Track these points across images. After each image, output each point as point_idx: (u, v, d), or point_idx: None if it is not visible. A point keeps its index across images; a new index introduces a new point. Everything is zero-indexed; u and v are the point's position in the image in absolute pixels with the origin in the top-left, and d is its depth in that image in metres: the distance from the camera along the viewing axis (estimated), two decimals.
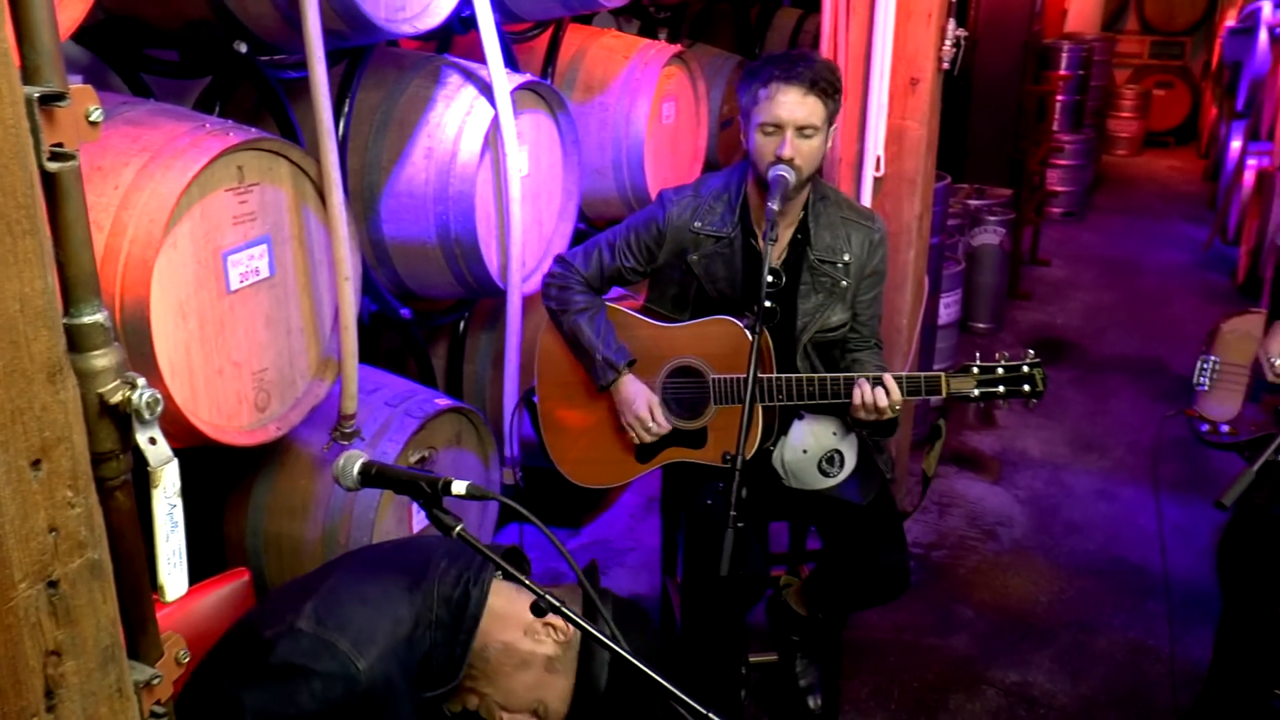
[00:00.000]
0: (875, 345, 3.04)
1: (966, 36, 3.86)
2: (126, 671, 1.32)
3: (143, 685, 1.37)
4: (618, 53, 4.18)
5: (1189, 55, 13.90)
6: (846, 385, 2.74)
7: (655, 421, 2.92)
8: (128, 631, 1.34)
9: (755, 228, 2.88)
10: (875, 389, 2.68)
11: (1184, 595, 4.02)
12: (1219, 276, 8.25)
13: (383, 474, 1.98)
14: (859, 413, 2.72)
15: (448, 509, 1.93)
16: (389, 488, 1.99)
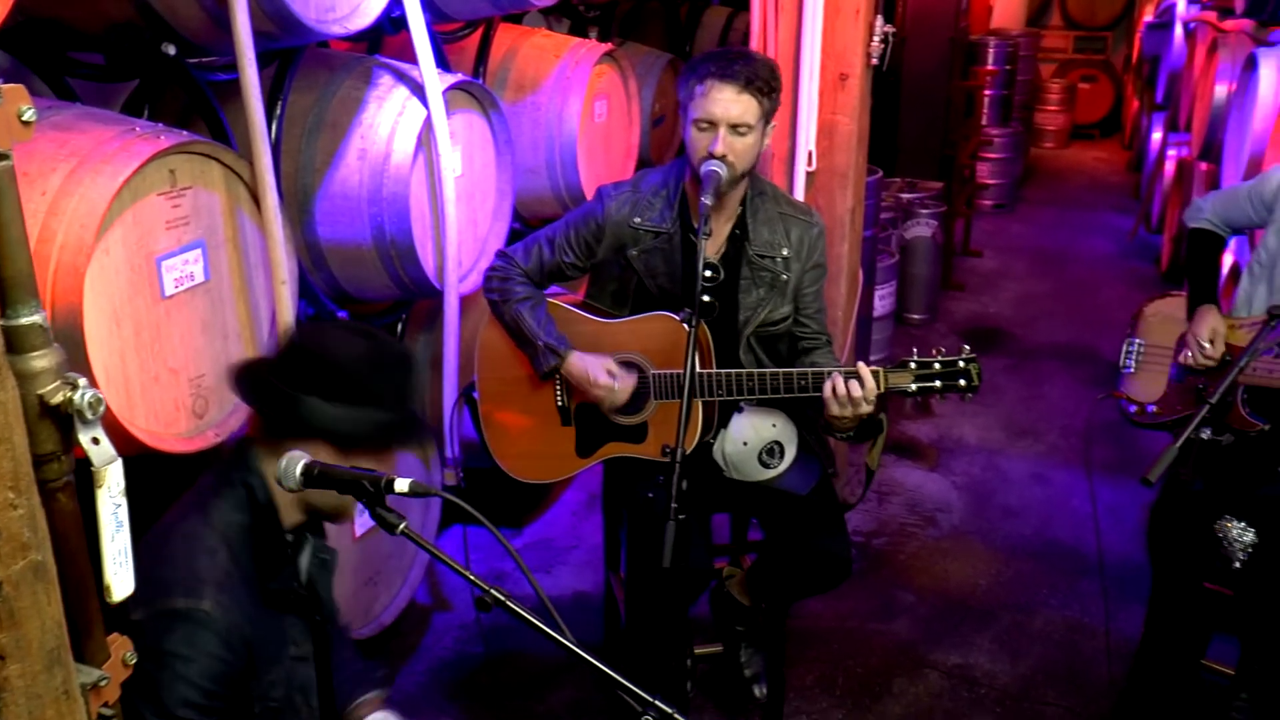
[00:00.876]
0: (827, 341, 3.06)
1: (894, 33, 3.93)
2: (73, 673, 1.32)
3: (90, 687, 1.36)
4: (549, 52, 4.19)
5: (1111, 49, 14.22)
6: (788, 380, 2.75)
7: (619, 380, 2.90)
8: (73, 633, 1.33)
9: (694, 223, 2.90)
10: (849, 381, 2.66)
11: (1117, 573, 4.11)
12: (1144, 264, 8.44)
13: (325, 474, 1.97)
14: (833, 407, 2.70)
15: (391, 507, 1.93)
16: (332, 487, 1.99)
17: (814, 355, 3.01)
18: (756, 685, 3.40)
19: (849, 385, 2.66)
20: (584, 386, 2.93)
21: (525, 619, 1.83)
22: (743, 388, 2.78)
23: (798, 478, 2.99)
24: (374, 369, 2.03)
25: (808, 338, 3.03)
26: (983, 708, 3.57)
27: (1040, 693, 3.65)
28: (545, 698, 3.58)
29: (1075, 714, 3.55)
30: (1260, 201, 3.13)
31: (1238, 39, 6.27)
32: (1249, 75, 5.10)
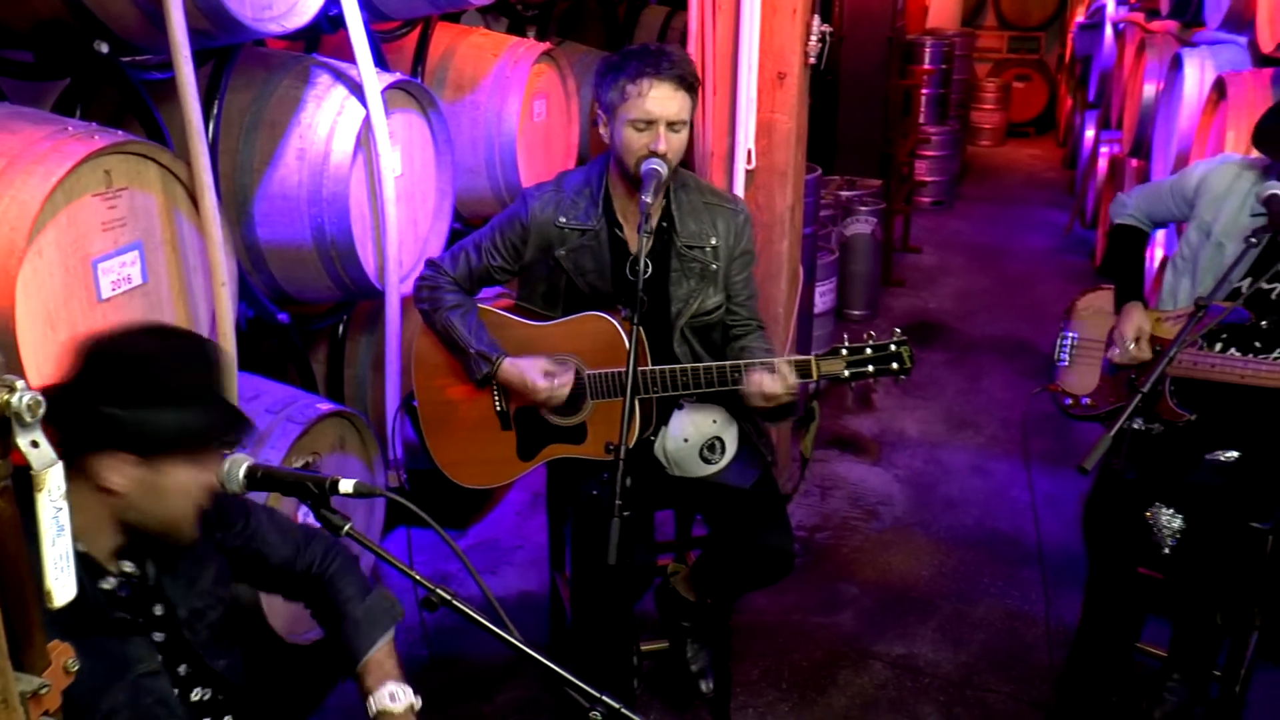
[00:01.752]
0: (758, 327, 3.09)
1: (831, 32, 3.97)
2: (11, 682, 1.30)
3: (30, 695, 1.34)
4: (487, 51, 4.19)
5: (1044, 49, 14.45)
6: (720, 373, 2.77)
7: (558, 380, 2.89)
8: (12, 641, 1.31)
9: (619, 219, 2.92)
10: (768, 375, 2.71)
11: (1056, 561, 4.18)
12: (1079, 259, 8.59)
13: (269, 476, 1.96)
14: (755, 400, 2.75)
15: (336, 509, 1.93)
16: (276, 490, 1.98)
17: (744, 340, 3.04)
18: (703, 680, 3.42)
19: (762, 379, 2.70)
20: (521, 391, 2.93)
21: (472, 618, 1.83)
22: (678, 383, 2.79)
23: (739, 472, 3.02)
24: (168, 367, 1.87)
25: (738, 324, 3.06)
26: (926, 696, 3.62)
27: (983, 679, 3.71)
28: (493, 698, 3.57)
29: (1017, 699, 3.60)
30: (1182, 197, 3.20)
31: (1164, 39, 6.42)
32: (1175, 75, 5.22)
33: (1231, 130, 4.05)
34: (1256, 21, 4.13)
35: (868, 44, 8.29)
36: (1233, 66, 4.73)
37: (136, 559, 1.98)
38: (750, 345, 3.03)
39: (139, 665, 1.93)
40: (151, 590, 2.00)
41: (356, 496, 1.92)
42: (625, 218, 2.93)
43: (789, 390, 2.72)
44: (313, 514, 1.95)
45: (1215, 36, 5.30)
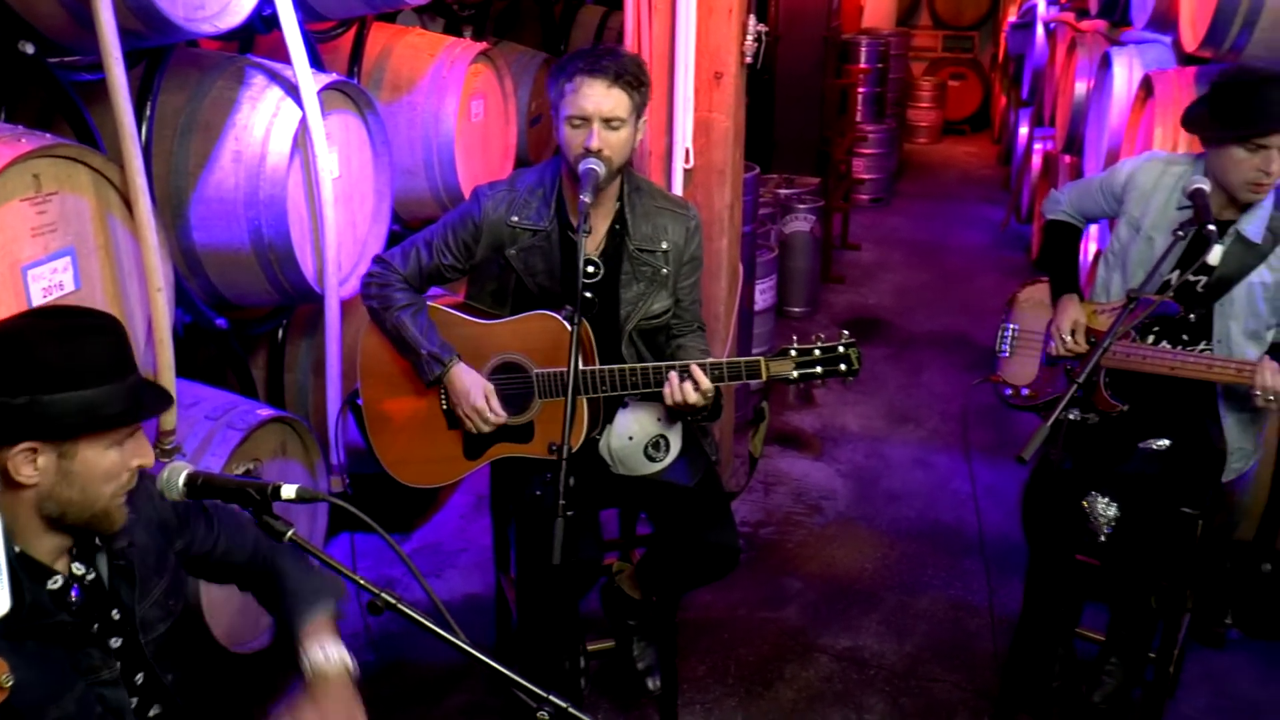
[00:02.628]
0: (698, 328, 3.12)
1: (767, 32, 4.00)
2: None
3: None
4: (424, 51, 4.17)
5: (978, 48, 14.65)
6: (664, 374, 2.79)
7: (493, 410, 2.91)
8: None
9: (572, 220, 2.92)
10: (683, 382, 2.73)
11: (998, 551, 4.25)
12: (1016, 253, 8.72)
13: (209, 483, 1.94)
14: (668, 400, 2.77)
15: (278, 515, 1.91)
16: (217, 497, 1.96)
17: (681, 340, 3.07)
18: (650, 678, 3.42)
19: (683, 386, 2.72)
20: (458, 401, 2.93)
21: (417, 621, 1.82)
22: (624, 383, 2.80)
23: (683, 470, 3.03)
24: (61, 348, 1.80)
25: (680, 325, 3.08)
26: (873, 688, 3.66)
27: (928, 669, 3.75)
28: (440, 702, 3.56)
29: (961, 688, 3.65)
30: (1111, 194, 3.27)
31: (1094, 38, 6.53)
32: (1105, 73, 5.32)
33: (1159, 126, 4.14)
34: (1179, 22, 4.21)
35: (804, 43, 8.35)
36: (1159, 65, 4.82)
37: (86, 560, 1.94)
38: (686, 344, 3.05)
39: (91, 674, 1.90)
40: (107, 594, 1.97)
41: (299, 502, 1.91)
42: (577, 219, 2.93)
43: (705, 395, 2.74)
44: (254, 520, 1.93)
45: (1142, 36, 5.40)
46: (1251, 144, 2.86)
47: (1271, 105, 2.81)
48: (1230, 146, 2.90)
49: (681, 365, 2.75)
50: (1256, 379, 2.86)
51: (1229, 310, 3.06)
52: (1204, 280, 3.06)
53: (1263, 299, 3.03)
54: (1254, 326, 3.07)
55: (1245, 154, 2.88)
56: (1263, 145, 2.85)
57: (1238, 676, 3.75)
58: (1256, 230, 3.00)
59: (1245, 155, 2.88)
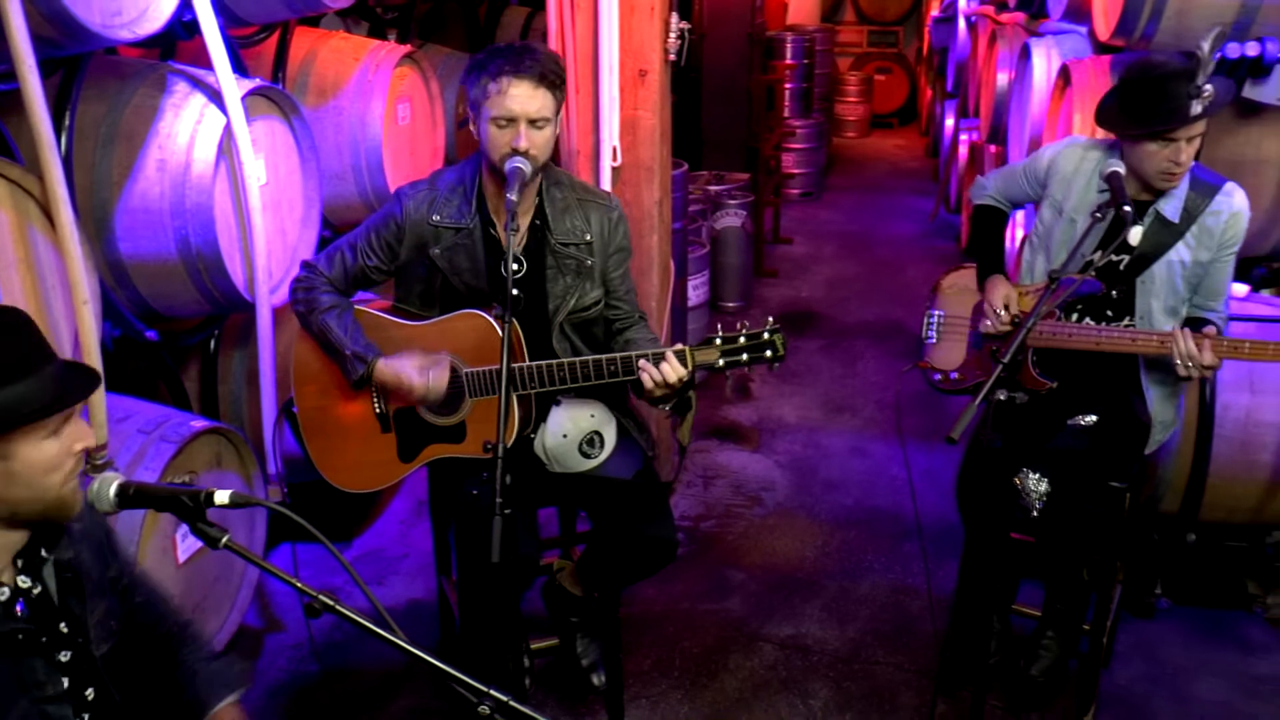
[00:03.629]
0: (640, 318, 3.13)
1: (690, 29, 4.03)
2: None
3: None
4: (348, 55, 4.15)
5: (903, 43, 14.85)
6: (597, 367, 2.79)
7: (433, 377, 2.87)
8: None
9: (494, 217, 2.92)
10: (662, 365, 2.72)
11: (935, 533, 4.32)
12: (946, 242, 8.85)
13: (141, 493, 1.91)
14: (655, 392, 2.75)
15: (213, 522, 1.89)
16: (149, 506, 1.93)
17: (628, 333, 3.06)
18: (594, 674, 3.43)
19: (662, 370, 2.72)
20: (397, 389, 2.91)
21: (355, 621, 1.81)
22: (555, 378, 2.80)
23: (619, 464, 3.04)
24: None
25: (621, 318, 3.09)
26: (816, 674, 3.69)
27: (870, 653, 3.80)
28: (385, 707, 3.54)
29: (904, 669, 3.70)
30: (1034, 178, 3.36)
31: (1013, 31, 6.66)
32: (1024, 64, 5.43)
33: (1078, 113, 4.24)
34: (1093, 13, 4.32)
35: (729, 41, 8.40)
36: (1076, 55, 4.94)
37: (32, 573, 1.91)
38: (634, 337, 3.05)
39: (36, 690, 1.87)
40: (56, 607, 1.94)
41: (233, 507, 1.88)
42: (499, 216, 2.93)
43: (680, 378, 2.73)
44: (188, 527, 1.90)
45: (1059, 27, 5.53)
46: (1162, 138, 2.97)
47: (1177, 101, 2.91)
48: (1142, 140, 3.01)
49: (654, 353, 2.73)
50: (1175, 347, 2.95)
51: (1150, 287, 3.17)
52: (1125, 259, 3.16)
53: (1180, 276, 3.15)
54: (1173, 302, 3.19)
55: (1156, 147, 2.99)
56: (1171, 139, 2.96)
57: (1168, 643, 3.85)
58: (1174, 210, 3.10)
59: (1156, 148, 2.99)
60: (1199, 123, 2.95)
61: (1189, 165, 3.03)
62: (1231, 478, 3.77)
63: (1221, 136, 4.07)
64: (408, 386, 2.87)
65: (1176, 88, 2.91)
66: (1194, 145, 3.00)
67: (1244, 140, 4.10)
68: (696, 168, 7.76)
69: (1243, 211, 3.13)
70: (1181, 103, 2.90)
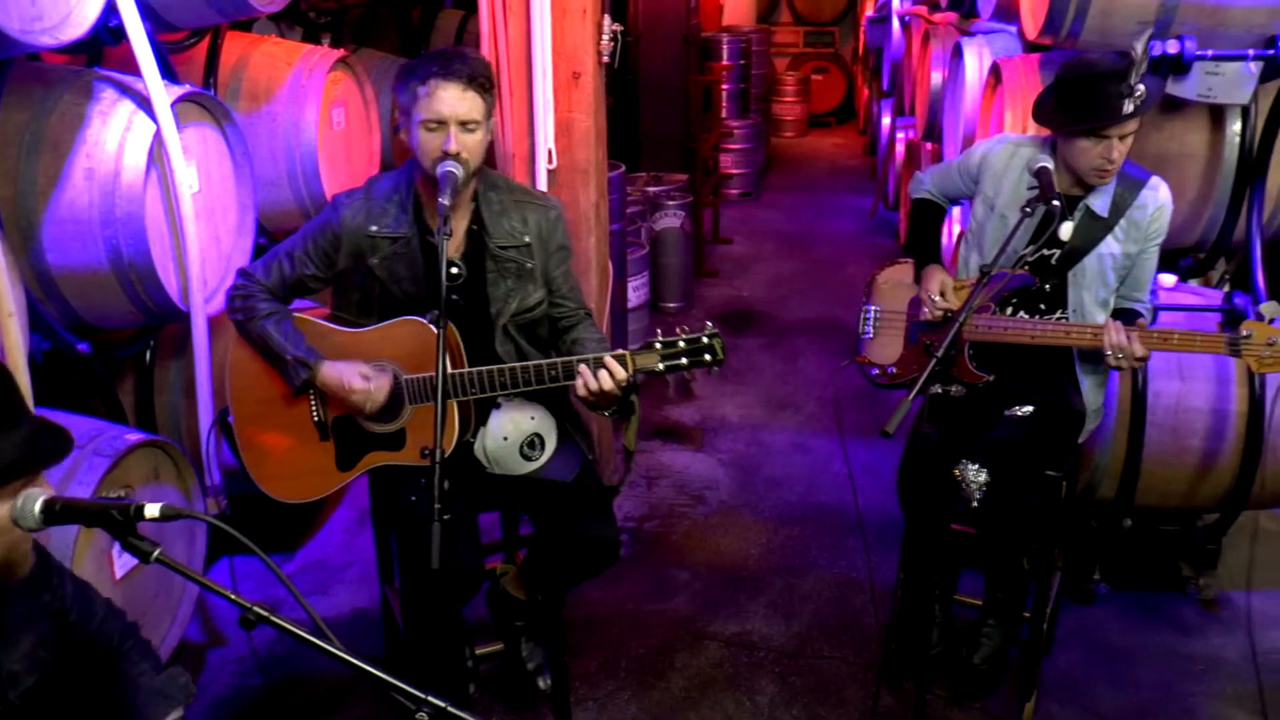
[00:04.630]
0: (586, 315, 3.13)
1: (624, 31, 4.03)
2: None
3: None
4: (281, 60, 4.10)
5: (839, 43, 14.98)
6: (538, 372, 2.79)
7: (375, 384, 2.86)
8: None
9: (431, 224, 2.91)
10: (599, 372, 2.72)
11: (877, 527, 4.37)
12: (885, 239, 8.95)
13: (68, 508, 1.88)
14: (589, 399, 2.76)
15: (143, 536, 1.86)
16: (77, 522, 1.90)
17: (575, 332, 3.07)
18: (540, 677, 3.43)
19: (599, 377, 2.72)
20: (340, 395, 2.89)
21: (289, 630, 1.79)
22: (495, 384, 2.79)
23: (560, 466, 3.04)
24: None
25: (566, 316, 3.09)
26: (763, 669, 3.72)
27: (815, 647, 3.83)
28: (331, 718, 3.51)
29: (849, 661, 3.74)
30: (967, 175, 3.42)
31: (946, 30, 6.74)
32: (957, 63, 5.50)
33: (1009, 110, 4.30)
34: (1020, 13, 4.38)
35: (664, 43, 8.43)
36: (1006, 53, 5.01)
37: None
38: (581, 336, 3.05)
39: None
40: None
41: (164, 520, 1.85)
42: (435, 222, 2.92)
43: (620, 384, 2.73)
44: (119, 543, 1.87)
45: (990, 26, 5.61)
46: (1096, 135, 3.04)
47: (1111, 99, 2.99)
48: (1076, 137, 3.08)
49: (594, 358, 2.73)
50: (1107, 340, 3.02)
51: (1081, 280, 3.23)
52: (1057, 253, 3.22)
53: (1110, 268, 3.23)
54: (1104, 295, 3.26)
55: (1089, 143, 3.07)
56: (1104, 136, 3.04)
57: (1108, 628, 3.93)
58: (1103, 205, 3.18)
59: (1090, 144, 3.07)
60: (1132, 121, 3.02)
61: (1121, 162, 3.10)
62: (1164, 463, 3.84)
63: (1148, 131, 4.14)
64: (349, 390, 2.86)
65: (1110, 87, 2.98)
66: (1126, 143, 3.07)
67: (1168, 135, 4.18)
68: (635, 169, 7.78)
69: (1166, 205, 3.22)
70: (1115, 101, 2.98)
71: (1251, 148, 4.06)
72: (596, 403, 2.78)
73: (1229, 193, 4.15)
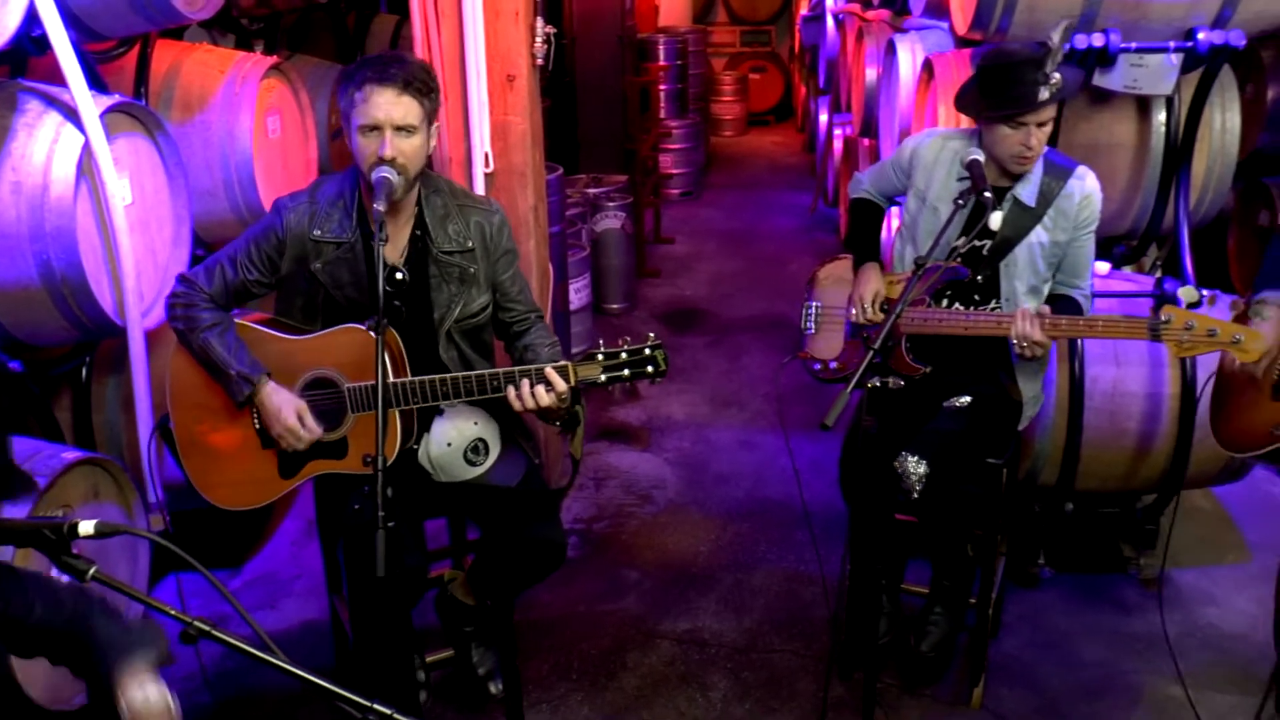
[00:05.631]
0: (537, 318, 3.13)
1: (556, 33, 4.04)
2: None
3: None
4: (214, 68, 4.05)
5: (776, 42, 15.10)
6: (479, 383, 2.77)
7: (306, 428, 2.86)
8: None
9: (375, 230, 2.90)
10: (537, 386, 2.71)
11: (825, 520, 4.40)
12: (826, 235, 9.02)
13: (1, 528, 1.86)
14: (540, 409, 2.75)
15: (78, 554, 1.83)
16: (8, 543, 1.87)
17: (527, 338, 3.08)
18: (492, 682, 3.42)
19: (536, 392, 2.72)
20: (270, 422, 2.88)
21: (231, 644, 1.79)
22: (437, 394, 2.78)
23: (505, 471, 3.03)
24: None
25: (517, 320, 3.10)
26: (714, 665, 3.73)
27: (767, 641, 3.86)
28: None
29: (800, 654, 3.77)
30: (901, 170, 3.48)
31: (879, 27, 6.82)
32: (891, 59, 5.57)
33: (942, 105, 4.36)
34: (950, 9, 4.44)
35: (601, 44, 8.44)
36: (938, 49, 5.08)
37: None
38: (533, 343, 3.05)
39: None
40: None
41: (100, 537, 1.83)
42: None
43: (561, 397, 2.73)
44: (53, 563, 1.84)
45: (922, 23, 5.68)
46: (1014, 122, 3.10)
47: (1027, 87, 3.06)
48: (997, 124, 3.14)
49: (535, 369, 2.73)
50: (1013, 327, 3.09)
51: (1013, 270, 3.29)
52: (988, 244, 3.28)
53: (1040, 257, 3.29)
54: (1035, 283, 3.32)
55: (1009, 130, 3.14)
56: (1022, 123, 3.11)
57: (1053, 611, 4.00)
58: (1030, 195, 3.23)
59: (1009, 132, 3.13)
60: (1048, 108, 3.09)
61: (1040, 149, 3.17)
62: (1103, 447, 3.92)
63: (1078, 122, 4.22)
64: (280, 424, 2.86)
65: (1026, 75, 3.05)
66: (1044, 130, 3.14)
67: (1098, 125, 4.27)
68: (574, 171, 7.78)
69: (1094, 193, 3.28)
70: (1031, 89, 3.05)
71: (1176, 136, 4.16)
72: (540, 414, 2.78)
73: (1157, 180, 4.25)
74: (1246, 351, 2.88)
